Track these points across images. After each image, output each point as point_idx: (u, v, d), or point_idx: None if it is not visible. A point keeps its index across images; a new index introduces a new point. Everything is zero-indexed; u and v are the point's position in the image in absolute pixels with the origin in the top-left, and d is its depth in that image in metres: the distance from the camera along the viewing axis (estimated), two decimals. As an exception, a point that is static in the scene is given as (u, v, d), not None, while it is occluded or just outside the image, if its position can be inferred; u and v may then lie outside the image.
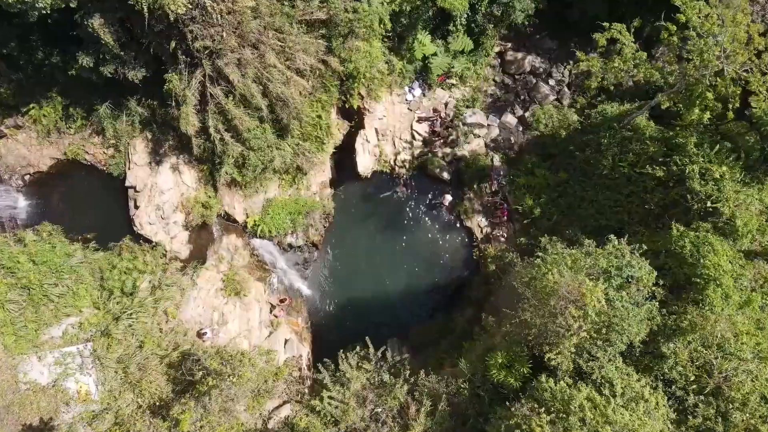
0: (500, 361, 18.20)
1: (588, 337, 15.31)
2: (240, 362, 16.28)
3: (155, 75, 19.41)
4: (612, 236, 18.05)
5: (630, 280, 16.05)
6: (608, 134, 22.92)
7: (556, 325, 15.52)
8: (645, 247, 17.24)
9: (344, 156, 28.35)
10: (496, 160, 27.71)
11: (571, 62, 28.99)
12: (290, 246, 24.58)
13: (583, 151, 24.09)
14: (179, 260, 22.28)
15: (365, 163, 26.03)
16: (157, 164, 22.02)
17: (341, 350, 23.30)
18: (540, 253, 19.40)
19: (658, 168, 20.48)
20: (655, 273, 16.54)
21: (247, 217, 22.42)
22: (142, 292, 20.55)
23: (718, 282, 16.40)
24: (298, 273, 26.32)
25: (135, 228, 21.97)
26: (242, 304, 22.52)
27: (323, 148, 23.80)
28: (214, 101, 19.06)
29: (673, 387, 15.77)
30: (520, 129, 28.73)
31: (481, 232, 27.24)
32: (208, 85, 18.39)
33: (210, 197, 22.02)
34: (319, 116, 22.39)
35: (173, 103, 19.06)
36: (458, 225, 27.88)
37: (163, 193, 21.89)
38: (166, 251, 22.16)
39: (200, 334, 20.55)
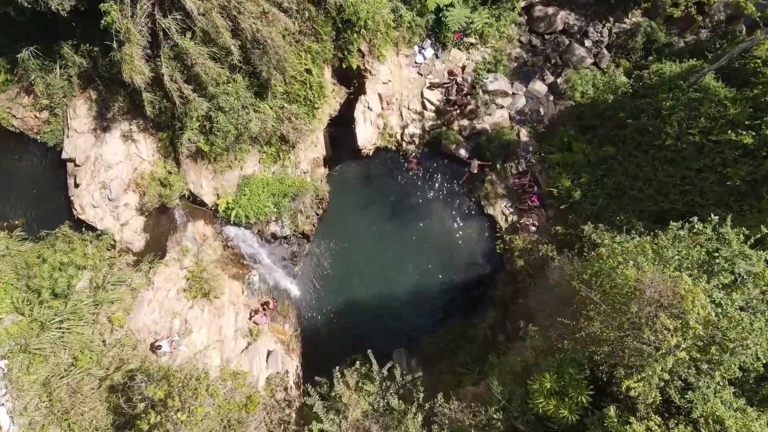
0: (548, 385, 13.58)
1: (687, 358, 10.69)
2: (193, 392, 11.64)
3: (92, 8, 14.71)
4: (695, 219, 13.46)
5: (740, 277, 11.42)
6: (672, 95, 18.29)
7: (640, 341, 10.89)
8: (746, 231, 12.60)
9: (341, 130, 23.70)
10: (523, 134, 23.09)
11: (611, 19, 24.40)
12: (274, 236, 19.92)
13: (636, 118, 19.46)
14: (131, 253, 17.62)
15: (366, 135, 21.36)
16: (104, 131, 17.35)
17: (337, 367, 18.86)
18: (605, 241, 14.78)
19: (744, 134, 15.86)
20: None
21: (218, 199, 17.73)
22: (79, 293, 15.88)
23: None
24: (285, 270, 21.67)
25: (74, 212, 17.29)
26: (212, 309, 17.88)
27: (315, 115, 19.17)
28: (168, 41, 14.41)
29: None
30: (551, 98, 24.10)
31: (506, 220, 22.62)
32: (158, 16, 13.74)
33: (171, 173, 17.36)
34: (309, 71, 17.70)
35: (116, 45, 14.38)
36: (478, 212, 23.25)
37: (110, 167, 17.20)
38: (114, 242, 17.50)
39: (154, 348, 15.89)
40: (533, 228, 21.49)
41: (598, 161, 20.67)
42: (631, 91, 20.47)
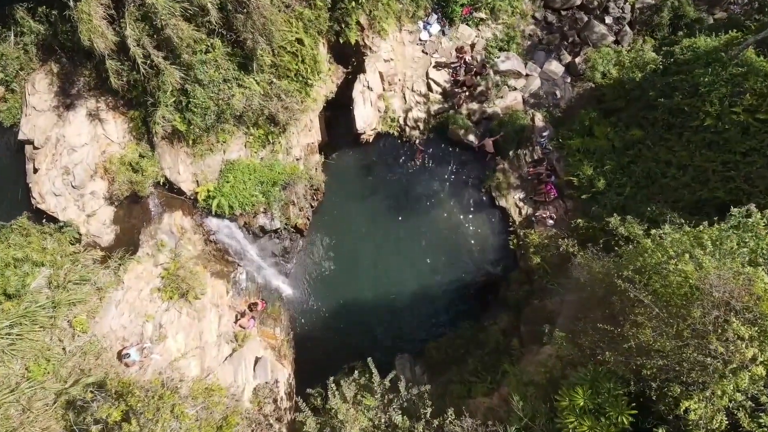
0: (581, 402, 11.49)
1: (765, 374, 8.59)
2: (154, 414, 9.49)
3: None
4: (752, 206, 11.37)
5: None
6: (711, 70, 16.20)
7: (704, 353, 8.78)
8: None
9: (338, 114, 21.60)
10: (538, 118, 20.98)
11: (633, -7, 22.31)
12: (263, 230, 17.79)
13: (668, 97, 17.37)
14: (99, 248, 15.49)
15: (366, 118, 19.24)
16: (67, 109, 15.21)
17: (332, 377, 16.78)
18: (635, 231, 12.71)
19: (799, 111, 13.80)
20: None
21: (198, 186, 15.60)
22: (34, 293, 13.76)
23: None
24: (276, 267, 19.57)
25: (33, 201, 15.17)
26: (191, 311, 15.76)
27: (308, 93, 17.06)
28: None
29: None
30: (568, 80, 22.02)
31: (520, 213, 20.52)
32: (120, -33, 11.70)
33: (144, 156, 15.23)
34: (300, 41, 15.56)
35: (72, 2, 12.25)
36: (489, 204, 21.14)
37: (74, 150, 15.07)
38: (79, 235, 15.37)
39: (121, 356, 13.76)
40: (550, 221, 19.38)
41: (624, 146, 18.57)
42: (661, 67, 18.35)
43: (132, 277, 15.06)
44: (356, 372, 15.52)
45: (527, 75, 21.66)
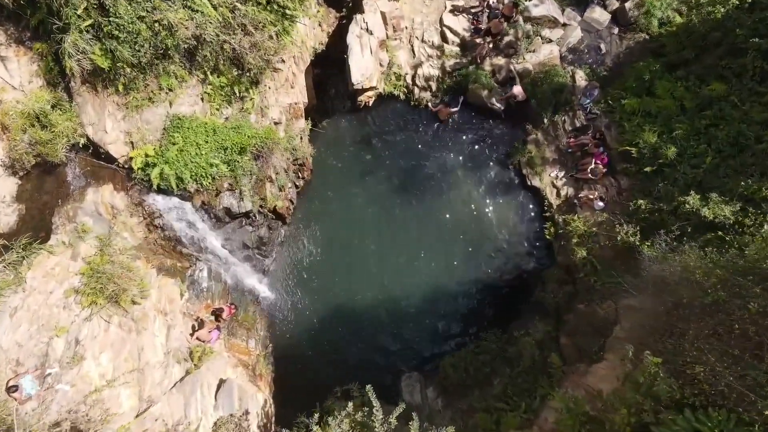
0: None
1: None
2: None
3: None
4: None
5: None
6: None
7: None
8: None
9: (330, 74, 17.43)
10: (580, 77, 16.78)
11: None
12: (230, 213, 13.56)
13: (765, 35, 13.14)
14: (-5, 234, 11.26)
15: (364, 69, 15.01)
16: (-49, 44, 10.99)
17: (321, 404, 12.73)
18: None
19: None
20: None
21: (133, 149, 11.34)
22: None
23: None
24: (250, 263, 15.35)
25: None
26: (126, 321, 11.52)
27: (288, 31, 12.81)
28: None
29: None
30: (615, 31, 17.77)
31: (558, 195, 16.33)
32: None
33: (57, 106, 10.98)
34: (275, -51, 11.36)
35: None
36: (519, 185, 16.94)
37: (-41, 99, 10.88)
38: (-33, 216, 11.13)
39: (10, 389, 9.48)
40: (600, 204, 15.14)
41: (699, 106, 14.35)
42: (748, 2, 14.12)
43: (39, 275, 10.81)
44: (351, 404, 11.32)
45: (565, 24, 17.43)
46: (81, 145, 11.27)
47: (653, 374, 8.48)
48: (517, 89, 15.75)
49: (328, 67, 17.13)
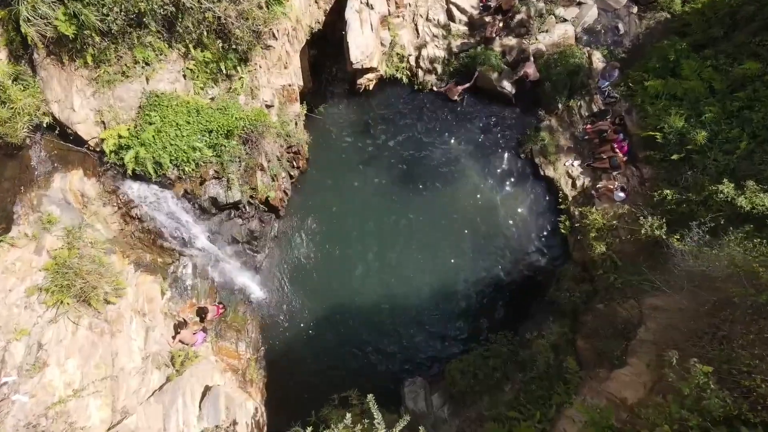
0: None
1: None
2: None
3: None
4: None
5: None
6: None
7: None
8: None
9: (327, 56, 16.23)
10: (597, 58, 15.56)
11: None
12: (216, 204, 12.35)
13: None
14: (-50, 225, 10.05)
15: (364, 46, 13.80)
16: None
17: (317, 412, 11.59)
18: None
19: None
20: None
21: (104, 130, 10.11)
22: None
23: None
24: (240, 259, 14.12)
25: None
26: (98, 323, 10.31)
27: (281, 1, 11.59)
28: None
29: None
30: (634, 10, 16.57)
31: (573, 185, 15.11)
32: None
33: (19, 82, 9.76)
34: None
35: None
36: (531, 175, 15.72)
37: None
38: None
39: (-42, 401, 8.29)
40: (620, 195, 13.92)
41: (730, 87, 13.13)
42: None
43: (-2, 270, 9.60)
44: (349, 414, 10.09)
45: (580, 2, 16.23)
46: (46, 125, 10.04)
47: (702, 385, 7.25)
48: (531, 67, 14.56)
49: (326, 49, 15.92)
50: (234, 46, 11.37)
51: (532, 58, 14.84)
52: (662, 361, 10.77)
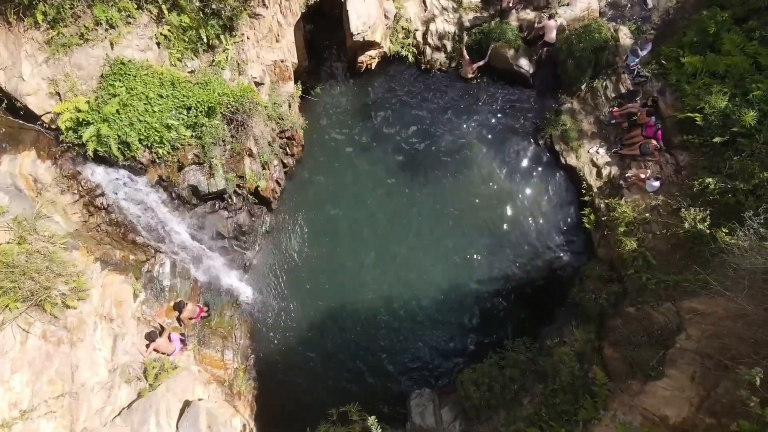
0: None
1: None
2: None
3: None
4: None
5: None
6: None
7: None
8: None
9: (325, 32, 14.68)
10: (624, 34, 14.02)
11: None
12: (197, 193, 10.80)
13: None
14: None
15: (365, 17, 12.24)
16: None
17: (312, 429, 10.05)
18: None
19: None
20: None
21: (60, 102, 8.57)
22: None
23: None
24: (227, 257, 12.56)
25: None
26: (54, 330, 8.76)
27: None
28: None
29: None
30: (663, -17, 15.03)
31: (599, 175, 13.58)
32: None
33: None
34: None
35: None
36: (551, 163, 14.19)
37: None
38: None
39: None
40: (654, 184, 12.38)
41: (781, 61, 11.61)
42: None
43: (-71, 270, 8.05)
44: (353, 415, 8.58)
45: (604, -26, 14.68)
46: (-6, 99, 8.49)
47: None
48: (552, 23, 13.01)
49: (323, 25, 14.38)
50: (216, 10, 9.83)
51: (553, 22, 13.26)
52: (710, 374, 9.27)
